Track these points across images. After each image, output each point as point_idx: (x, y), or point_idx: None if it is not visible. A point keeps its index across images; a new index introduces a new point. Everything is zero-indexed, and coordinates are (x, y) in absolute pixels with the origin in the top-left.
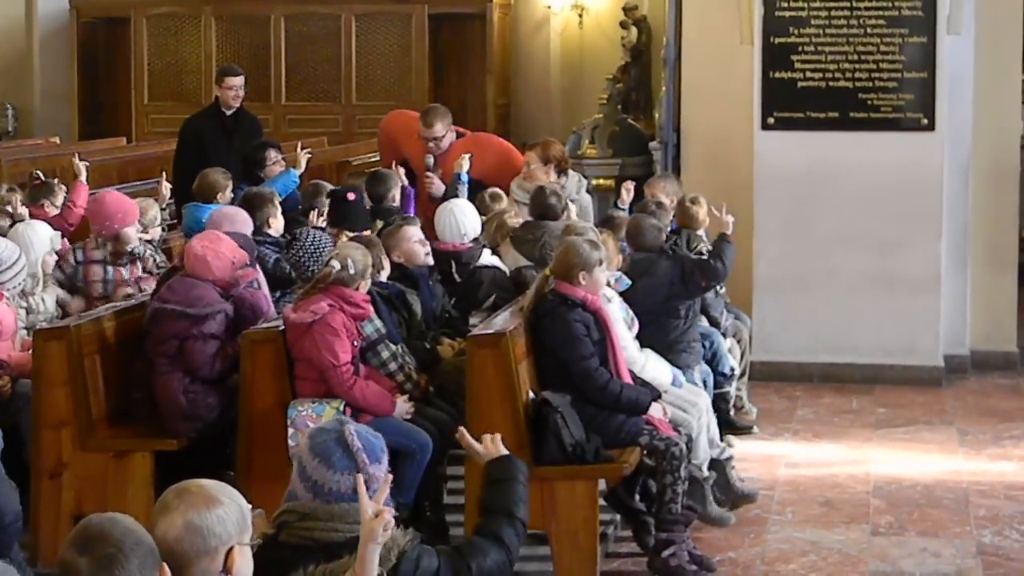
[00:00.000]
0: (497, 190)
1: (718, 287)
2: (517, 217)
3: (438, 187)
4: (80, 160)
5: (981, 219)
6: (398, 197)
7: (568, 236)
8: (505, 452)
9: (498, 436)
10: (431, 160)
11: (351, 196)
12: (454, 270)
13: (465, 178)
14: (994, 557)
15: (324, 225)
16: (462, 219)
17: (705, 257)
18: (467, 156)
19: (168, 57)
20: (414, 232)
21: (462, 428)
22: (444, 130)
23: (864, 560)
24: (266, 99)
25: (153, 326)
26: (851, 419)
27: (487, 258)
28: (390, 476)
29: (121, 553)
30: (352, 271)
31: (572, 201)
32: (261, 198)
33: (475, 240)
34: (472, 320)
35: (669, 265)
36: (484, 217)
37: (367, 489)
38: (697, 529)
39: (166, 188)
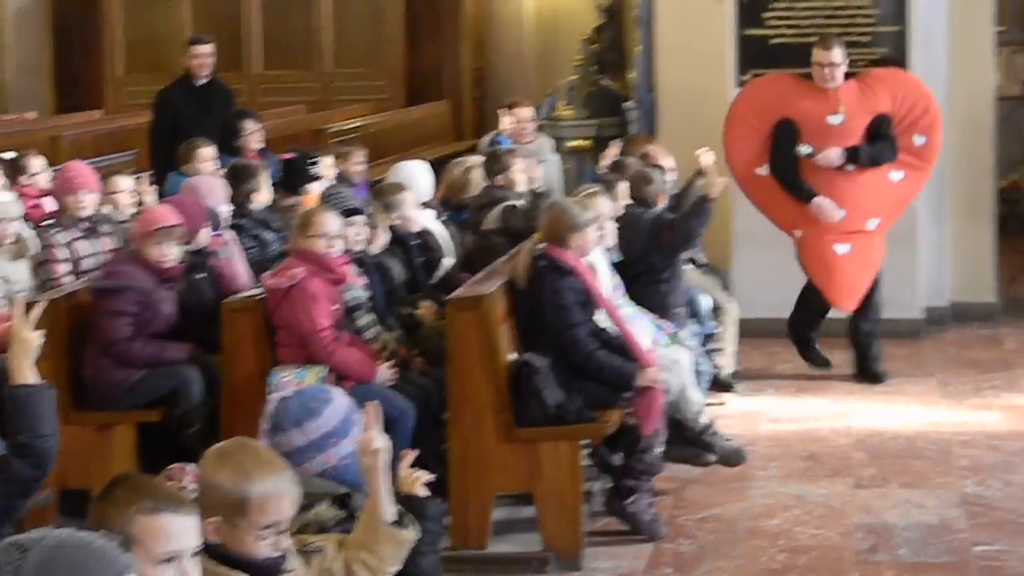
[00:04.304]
0: None
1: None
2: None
3: (834, 155)
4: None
5: (958, 171)
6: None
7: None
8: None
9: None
10: (838, 119)
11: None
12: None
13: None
14: (977, 507)
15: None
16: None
17: (676, 216)
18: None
19: (143, 29)
20: (411, 197)
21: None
22: (842, 58)
23: (848, 513)
24: (241, 68)
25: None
26: (833, 373)
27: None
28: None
29: None
30: (323, 233)
31: (541, 161)
32: (246, 171)
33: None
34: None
35: (650, 220)
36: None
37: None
38: (682, 487)
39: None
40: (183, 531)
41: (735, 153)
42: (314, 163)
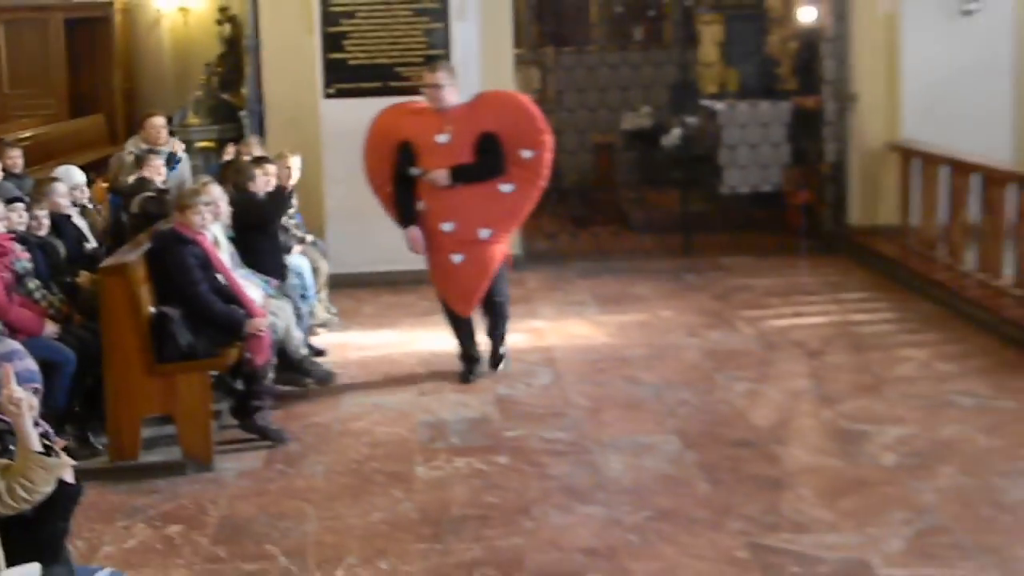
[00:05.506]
0: None
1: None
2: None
3: (439, 176)
4: None
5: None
6: None
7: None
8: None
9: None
10: (444, 138)
11: None
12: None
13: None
14: (507, 403)
15: None
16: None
17: (262, 200)
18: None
19: None
20: (63, 188)
21: None
22: (447, 80)
23: (414, 414)
24: None
25: None
26: (403, 311)
27: None
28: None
29: None
30: None
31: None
32: None
33: None
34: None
35: (245, 203)
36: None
37: None
38: (290, 402)
39: None
40: None
41: (371, 177)
42: None
